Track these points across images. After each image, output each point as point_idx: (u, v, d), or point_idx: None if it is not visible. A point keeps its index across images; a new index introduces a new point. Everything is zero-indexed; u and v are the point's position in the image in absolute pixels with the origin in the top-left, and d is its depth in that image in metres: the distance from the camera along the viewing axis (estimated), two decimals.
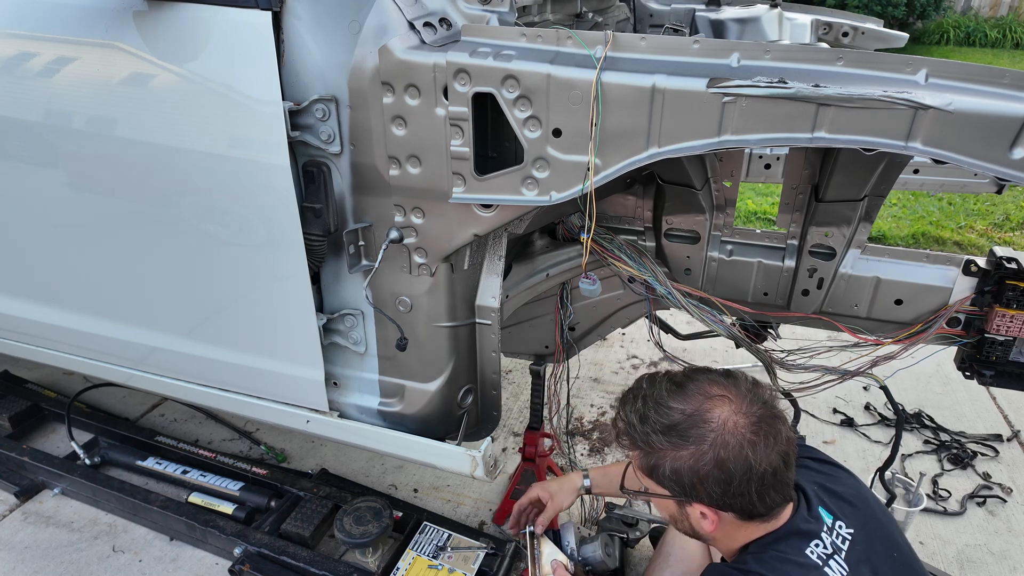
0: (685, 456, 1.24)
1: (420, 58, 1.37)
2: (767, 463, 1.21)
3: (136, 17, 1.55)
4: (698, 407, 1.25)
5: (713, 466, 1.21)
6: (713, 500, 1.25)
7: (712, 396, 1.26)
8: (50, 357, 2.23)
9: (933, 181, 2.88)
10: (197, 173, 1.64)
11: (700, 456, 1.22)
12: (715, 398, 1.26)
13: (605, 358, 3.43)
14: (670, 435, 1.25)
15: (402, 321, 1.68)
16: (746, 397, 1.26)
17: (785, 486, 1.26)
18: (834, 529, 1.32)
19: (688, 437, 1.24)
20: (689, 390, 1.29)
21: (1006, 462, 2.75)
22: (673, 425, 1.25)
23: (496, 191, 1.43)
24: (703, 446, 1.22)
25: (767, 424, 1.24)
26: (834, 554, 1.27)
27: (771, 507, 1.27)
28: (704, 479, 1.23)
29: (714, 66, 1.24)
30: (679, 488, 1.27)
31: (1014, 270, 1.61)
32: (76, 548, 2.33)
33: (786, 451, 1.25)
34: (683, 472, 1.24)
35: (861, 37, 3.02)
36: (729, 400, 1.26)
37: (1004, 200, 5.44)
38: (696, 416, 1.24)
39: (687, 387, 1.29)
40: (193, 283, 1.83)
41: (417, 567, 2.07)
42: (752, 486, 1.22)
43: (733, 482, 1.21)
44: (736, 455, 1.20)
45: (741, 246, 1.90)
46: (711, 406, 1.25)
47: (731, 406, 1.25)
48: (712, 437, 1.22)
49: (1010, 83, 1.11)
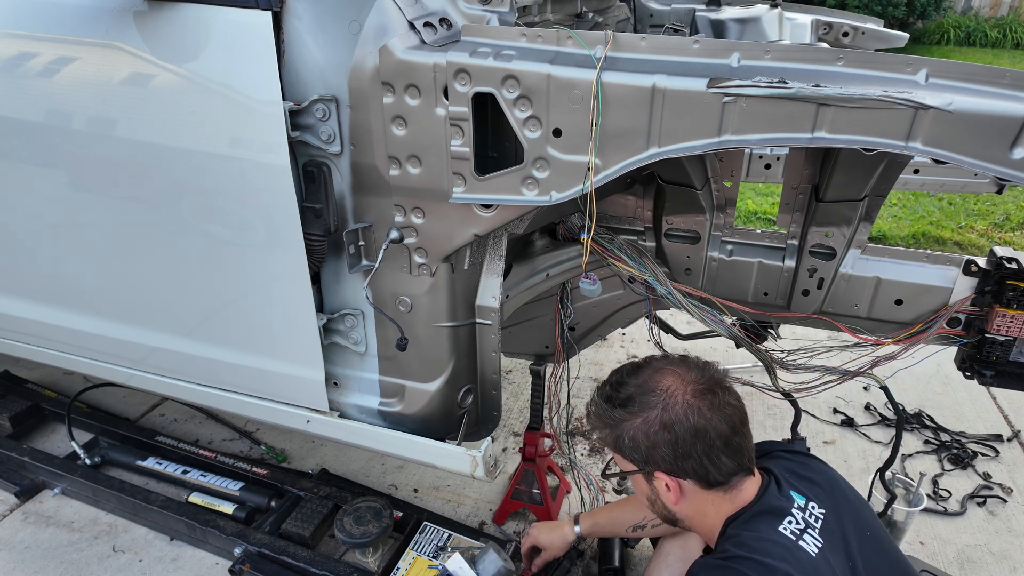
0: (638, 423, 1.35)
1: (420, 58, 1.37)
2: (709, 424, 1.31)
3: (136, 17, 1.55)
4: (648, 378, 1.39)
5: (660, 427, 1.33)
6: (668, 464, 1.35)
7: (661, 369, 1.40)
8: (50, 357, 2.23)
9: (933, 181, 2.88)
10: (197, 173, 1.64)
11: (649, 421, 1.34)
12: (663, 370, 1.40)
13: (605, 358, 3.43)
14: (627, 406, 1.38)
15: (402, 321, 1.68)
16: (692, 371, 1.39)
17: (737, 452, 1.35)
18: (806, 508, 1.37)
19: (639, 404, 1.36)
20: (643, 368, 1.44)
21: (1006, 462, 2.75)
22: (628, 397, 1.39)
23: (496, 191, 1.43)
24: (651, 412, 1.34)
25: (710, 392, 1.35)
26: (807, 529, 1.33)
27: (727, 473, 1.34)
28: (655, 443, 1.34)
29: (714, 66, 1.24)
30: (639, 457, 1.38)
31: (1014, 270, 1.61)
32: (76, 548, 2.33)
33: (730, 415, 1.34)
34: (638, 439, 1.36)
35: (861, 37, 3.02)
36: (676, 372, 1.39)
37: (1004, 200, 5.44)
38: (645, 386, 1.38)
39: (642, 367, 1.44)
40: (193, 283, 1.83)
41: (417, 567, 2.07)
42: (699, 447, 1.31)
43: (679, 442, 1.32)
44: (680, 416, 1.32)
45: (741, 246, 1.90)
46: (659, 376, 1.39)
47: (677, 376, 1.38)
48: (658, 402, 1.35)
49: (1010, 83, 1.11)
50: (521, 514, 2.44)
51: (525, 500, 2.36)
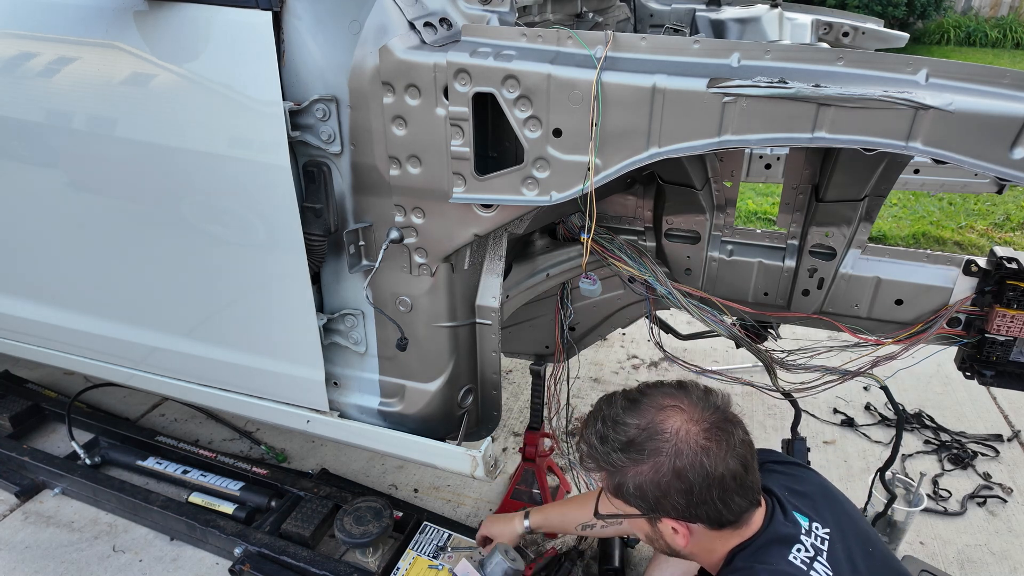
0: (645, 471, 1.24)
1: (420, 58, 1.37)
2: (724, 468, 1.22)
3: (137, 17, 1.55)
4: (651, 420, 1.26)
5: (672, 476, 1.22)
6: (679, 512, 1.25)
7: (664, 407, 1.27)
8: (51, 357, 2.23)
9: (933, 181, 2.88)
10: (197, 173, 1.64)
11: (659, 468, 1.23)
12: (667, 409, 1.27)
13: (605, 358, 3.43)
14: (628, 451, 1.26)
15: (402, 321, 1.68)
16: (698, 405, 1.27)
17: (749, 490, 1.26)
18: (812, 531, 1.32)
19: (645, 451, 1.24)
20: (642, 405, 1.30)
21: (1006, 462, 2.75)
22: (630, 441, 1.26)
23: (496, 191, 1.43)
24: (660, 458, 1.23)
25: (720, 429, 1.24)
26: (816, 556, 1.27)
27: (739, 513, 1.26)
28: (666, 491, 1.23)
29: (714, 66, 1.24)
30: (645, 504, 1.27)
31: (1014, 270, 1.61)
32: (76, 548, 2.33)
33: (743, 455, 1.25)
34: (646, 487, 1.25)
35: (861, 37, 3.02)
36: (681, 409, 1.27)
37: (1004, 200, 5.44)
38: (650, 428, 1.25)
39: (641, 402, 1.31)
40: (193, 283, 1.83)
41: (417, 567, 2.07)
42: (714, 492, 1.22)
43: (694, 490, 1.21)
44: (692, 463, 1.21)
45: (741, 246, 1.90)
46: (664, 417, 1.26)
47: (683, 415, 1.26)
48: (667, 448, 1.23)
49: (1010, 83, 1.11)
50: None
51: (525, 500, 2.36)
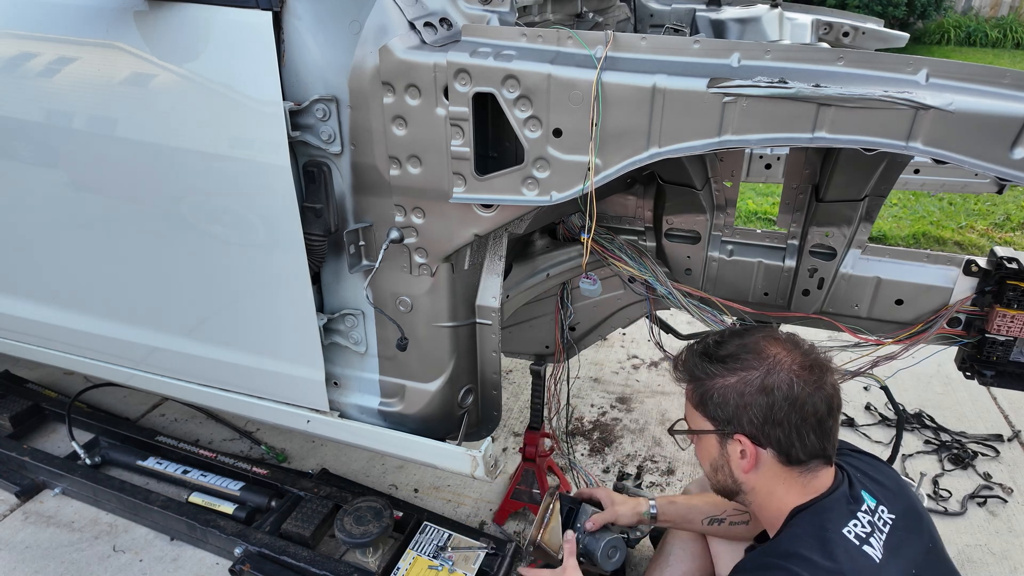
0: (734, 381, 1.31)
1: (420, 58, 1.37)
2: (809, 400, 1.26)
3: (137, 17, 1.55)
4: (755, 342, 1.34)
5: (758, 390, 1.28)
6: (754, 426, 1.29)
7: (768, 337, 1.36)
8: (51, 357, 2.23)
9: (934, 181, 2.88)
10: (198, 173, 1.64)
11: (748, 380, 1.29)
12: (771, 339, 1.35)
13: (605, 358, 3.43)
14: (725, 362, 1.33)
15: (402, 321, 1.68)
16: (800, 347, 1.34)
17: (826, 436, 1.30)
18: (876, 512, 1.32)
19: (740, 363, 1.31)
20: (749, 332, 1.40)
21: (1007, 462, 2.75)
22: (729, 354, 1.34)
23: (496, 191, 1.43)
24: (753, 372, 1.29)
25: (817, 368, 1.30)
26: (872, 534, 1.27)
27: (810, 453, 1.29)
28: (748, 403, 1.28)
29: (715, 66, 1.24)
30: (723, 414, 1.32)
31: (1015, 270, 1.61)
32: (77, 548, 2.33)
33: (831, 397, 1.29)
34: (729, 396, 1.30)
35: (862, 37, 3.02)
36: (783, 344, 1.34)
37: (1005, 200, 5.44)
38: (751, 347, 1.33)
39: (748, 331, 1.41)
40: (193, 283, 1.83)
41: (417, 567, 2.07)
42: (793, 417, 1.26)
43: (775, 408, 1.26)
44: (780, 382, 1.27)
45: (742, 246, 1.90)
46: (767, 343, 1.33)
47: (784, 347, 1.33)
48: (761, 365, 1.30)
49: (1011, 83, 1.11)
50: (521, 514, 2.44)
51: (525, 500, 2.36)
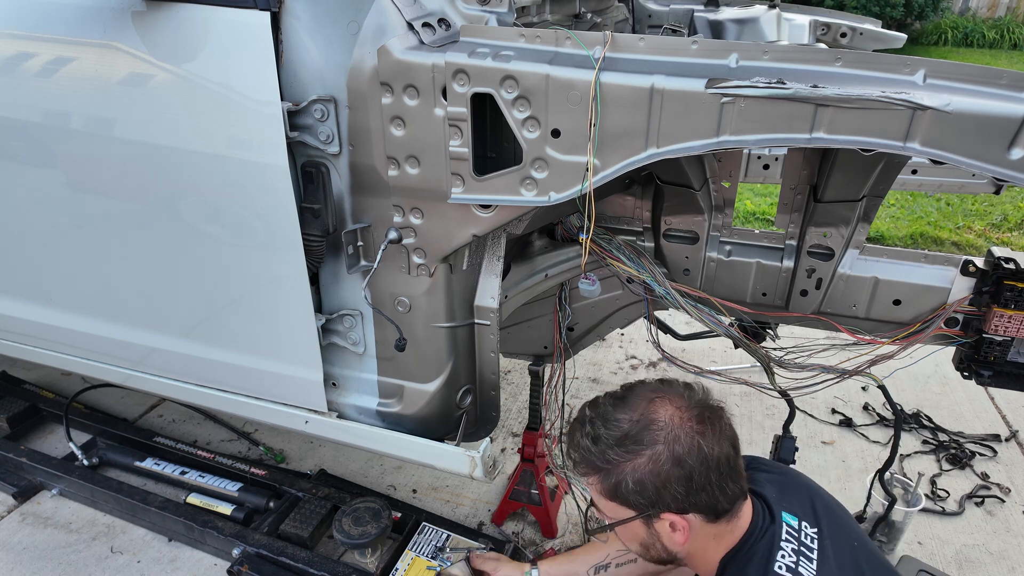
0: (643, 462, 1.25)
1: (419, 58, 1.37)
2: (720, 450, 1.25)
3: (135, 17, 1.55)
4: (643, 411, 1.28)
5: (672, 464, 1.23)
6: (679, 502, 1.25)
7: (652, 399, 1.30)
8: (48, 358, 2.23)
9: (931, 181, 2.88)
10: (195, 174, 1.63)
11: (657, 457, 1.24)
12: (656, 400, 1.30)
13: (604, 359, 3.44)
14: (625, 444, 1.26)
15: (401, 322, 1.68)
16: (683, 394, 1.31)
17: (739, 475, 1.29)
18: (800, 531, 1.33)
19: (641, 442, 1.25)
20: (630, 400, 1.32)
21: (1004, 462, 2.75)
22: (625, 435, 1.27)
23: (495, 191, 1.43)
24: (658, 447, 1.24)
25: (710, 413, 1.28)
26: (801, 559, 1.28)
27: (733, 499, 1.28)
28: (667, 480, 1.24)
29: (713, 67, 1.24)
30: (644, 499, 1.27)
31: (1012, 270, 1.61)
32: (74, 549, 2.33)
33: (732, 437, 1.29)
34: (645, 479, 1.25)
35: (859, 38, 3.03)
36: (669, 399, 1.30)
37: (1002, 200, 5.45)
38: (643, 420, 1.27)
39: (627, 398, 1.33)
40: (191, 284, 1.83)
41: (416, 568, 2.07)
42: (712, 476, 1.24)
43: (695, 476, 1.23)
44: (690, 447, 1.23)
45: (740, 246, 1.90)
46: (655, 408, 1.28)
47: (672, 403, 1.29)
48: (663, 435, 1.24)
49: (1008, 84, 1.11)
50: (520, 514, 2.44)
51: (524, 501, 2.36)
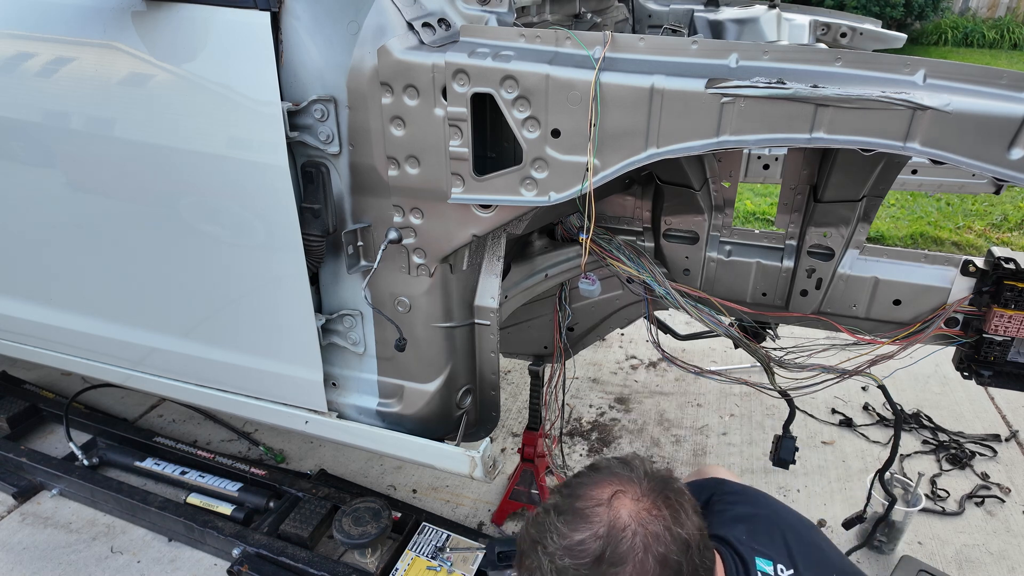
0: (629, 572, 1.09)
1: (419, 58, 1.37)
2: (692, 525, 1.13)
3: (135, 17, 1.55)
4: (605, 522, 1.11)
5: (658, 567, 1.09)
6: None
7: (604, 501, 1.13)
8: (48, 358, 2.23)
9: (931, 181, 2.88)
10: (195, 174, 1.63)
11: (642, 567, 1.08)
12: (612, 500, 1.13)
13: (604, 359, 3.44)
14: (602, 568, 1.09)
15: (401, 322, 1.68)
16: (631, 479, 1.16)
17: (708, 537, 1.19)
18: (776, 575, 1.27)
19: (619, 559, 1.08)
20: (582, 511, 1.13)
21: (1004, 462, 2.75)
22: (598, 558, 1.09)
23: (495, 191, 1.43)
24: (638, 555, 1.08)
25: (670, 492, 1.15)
26: None
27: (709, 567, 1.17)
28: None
29: (713, 67, 1.24)
30: None
31: (1012, 270, 1.61)
32: (74, 549, 2.33)
33: (696, 506, 1.18)
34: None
35: (859, 38, 3.03)
36: (623, 492, 1.14)
37: (1002, 200, 5.45)
38: (610, 533, 1.10)
39: (577, 509, 1.14)
40: (191, 284, 1.83)
41: (416, 568, 2.07)
42: (695, 559, 1.12)
43: (683, 568, 1.10)
44: (669, 541, 1.10)
45: (740, 246, 1.90)
46: (615, 512, 1.12)
47: (629, 497, 1.13)
48: (639, 540, 1.09)
49: (1008, 84, 1.11)
50: (520, 514, 2.44)
51: (524, 500, 2.36)
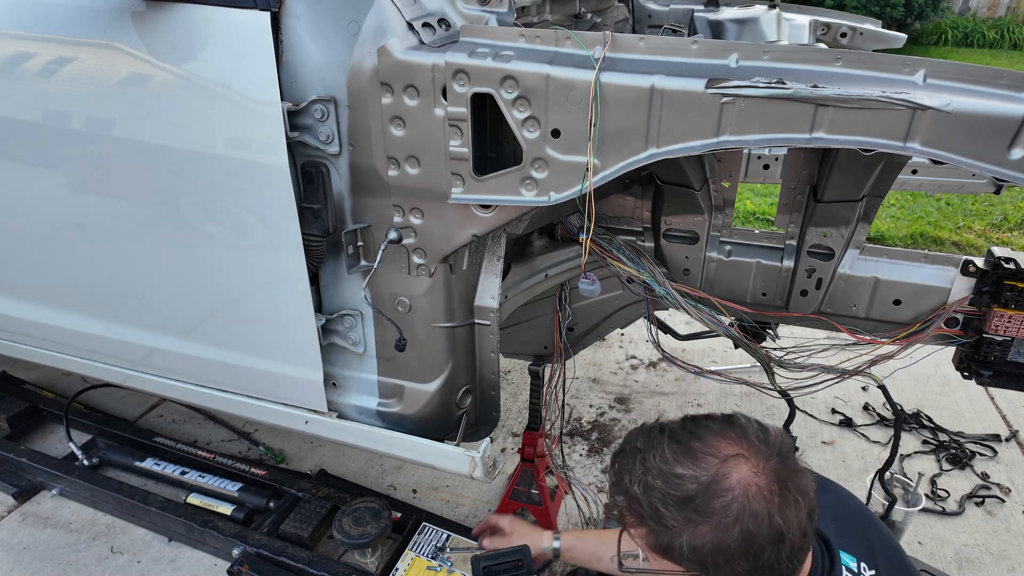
0: (706, 532, 1.05)
1: (419, 58, 1.37)
2: (796, 522, 1.06)
3: (135, 17, 1.55)
4: (713, 474, 1.07)
5: (740, 540, 1.04)
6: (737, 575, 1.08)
7: (725, 458, 1.08)
8: (48, 358, 2.23)
9: (931, 181, 2.88)
10: (195, 174, 1.63)
11: (724, 531, 1.05)
12: (730, 459, 1.08)
13: (604, 359, 3.43)
14: (686, 510, 1.06)
15: (401, 322, 1.68)
16: (761, 451, 1.09)
17: (809, 541, 1.13)
18: (859, 573, 1.23)
19: (707, 511, 1.05)
20: (696, 452, 1.10)
21: (1004, 462, 2.75)
22: (688, 498, 1.06)
23: (495, 192, 1.43)
24: (727, 519, 1.04)
25: (792, 480, 1.08)
26: None
27: (797, 566, 1.11)
28: (731, 556, 1.05)
29: (713, 67, 1.24)
30: (698, 567, 1.10)
31: (1012, 270, 1.61)
32: (74, 549, 2.33)
33: (811, 503, 1.10)
34: (704, 550, 1.06)
35: (859, 38, 3.03)
36: (744, 458, 1.08)
37: (1002, 200, 5.45)
38: (714, 485, 1.06)
39: (693, 447, 1.10)
40: (191, 284, 1.83)
41: (416, 568, 2.07)
42: (783, 554, 1.06)
43: (764, 555, 1.05)
44: (765, 524, 1.04)
45: (740, 246, 1.91)
46: (727, 470, 1.07)
47: (748, 465, 1.07)
48: (735, 507, 1.04)
49: (1008, 84, 1.11)
50: (520, 514, 2.44)
51: (524, 500, 2.36)
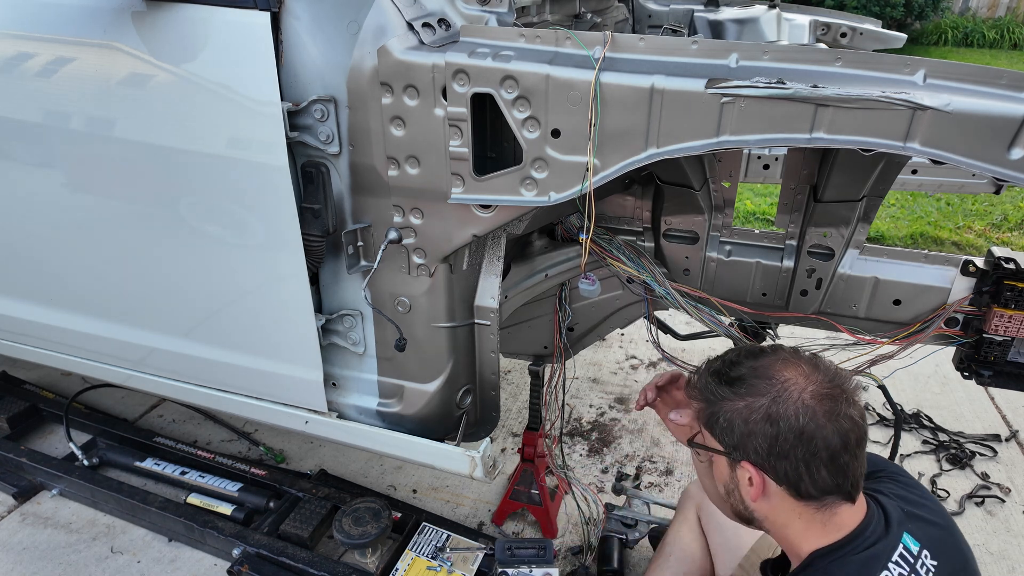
0: (740, 406, 1.22)
1: (419, 59, 1.37)
2: (820, 433, 1.16)
3: (135, 17, 1.55)
4: (767, 365, 1.24)
5: (763, 418, 1.19)
6: (760, 456, 1.20)
7: (786, 360, 1.25)
8: (48, 358, 2.23)
9: (931, 181, 2.89)
10: (195, 174, 1.64)
11: (753, 407, 1.20)
12: (787, 362, 1.24)
13: (604, 359, 3.43)
14: (734, 386, 1.25)
15: (401, 322, 1.68)
16: (819, 371, 1.23)
17: (840, 472, 1.18)
18: (918, 558, 1.22)
19: (747, 388, 1.23)
20: (765, 354, 1.28)
21: (1004, 462, 2.75)
22: (739, 377, 1.25)
23: (495, 192, 1.43)
24: (760, 399, 1.20)
25: (831, 398, 1.19)
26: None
27: (822, 489, 1.19)
28: (752, 431, 1.20)
29: (713, 66, 1.24)
30: (729, 440, 1.24)
31: (1012, 270, 1.61)
32: (74, 549, 2.33)
33: (847, 431, 1.18)
34: (735, 422, 1.22)
35: (859, 38, 3.03)
36: (800, 368, 1.23)
37: (1002, 200, 5.45)
38: (761, 371, 1.24)
39: (765, 352, 1.29)
40: (191, 284, 1.83)
41: (416, 568, 2.07)
42: (799, 451, 1.17)
43: (779, 439, 1.17)
44: (788, 412, 1.17)
45: (740, 246, 1.91)
46: (780, 367, 1.23)
47: (799, 371, 1.22)
48: (770, 391, 1.20)
49: (1008, 84, 1.11)
50: (520, 514, 2.44)
51: (524, 500, 2.36)
